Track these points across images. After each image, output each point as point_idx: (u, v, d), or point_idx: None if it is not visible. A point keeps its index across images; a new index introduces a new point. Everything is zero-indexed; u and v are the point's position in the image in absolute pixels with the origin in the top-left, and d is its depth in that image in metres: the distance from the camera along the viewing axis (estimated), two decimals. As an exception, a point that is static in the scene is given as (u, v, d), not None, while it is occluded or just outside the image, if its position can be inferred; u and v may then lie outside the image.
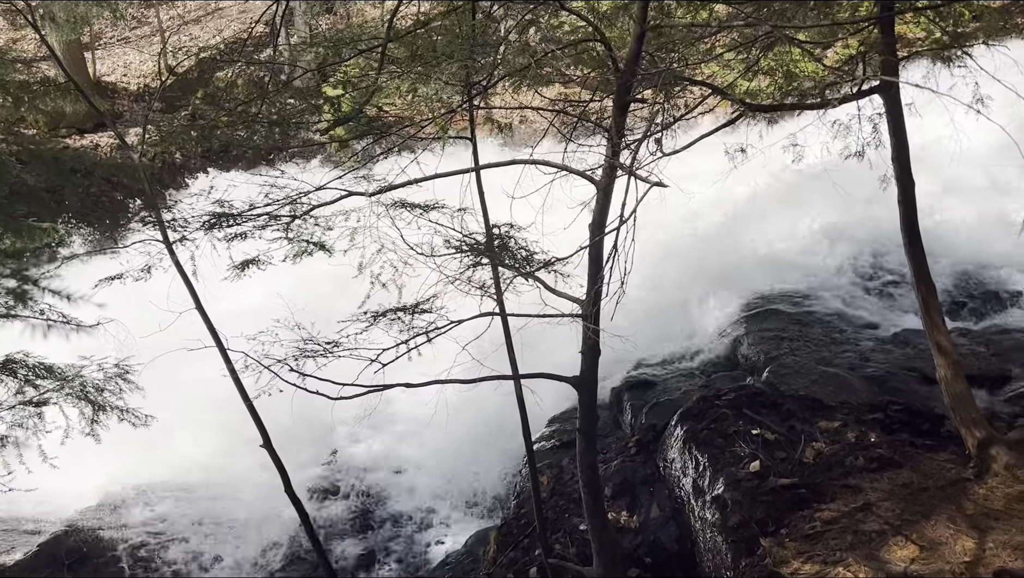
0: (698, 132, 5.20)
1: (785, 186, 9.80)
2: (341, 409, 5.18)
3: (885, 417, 6.32)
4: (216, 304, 5.58)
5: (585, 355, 4.89)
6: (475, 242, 5.06)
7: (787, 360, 7.46)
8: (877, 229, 8.98)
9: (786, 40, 4.62)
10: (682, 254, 9.70)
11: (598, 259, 4.50)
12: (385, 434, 8.52)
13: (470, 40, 3.91)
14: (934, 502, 5.15)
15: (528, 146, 5.72)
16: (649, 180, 3.73)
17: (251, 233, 4.96)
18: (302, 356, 4.45)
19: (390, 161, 4.97)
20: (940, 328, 5.51)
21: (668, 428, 6.90)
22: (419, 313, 4.57)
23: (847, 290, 8.76)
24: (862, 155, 5.96)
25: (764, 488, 5.75)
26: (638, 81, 4.23)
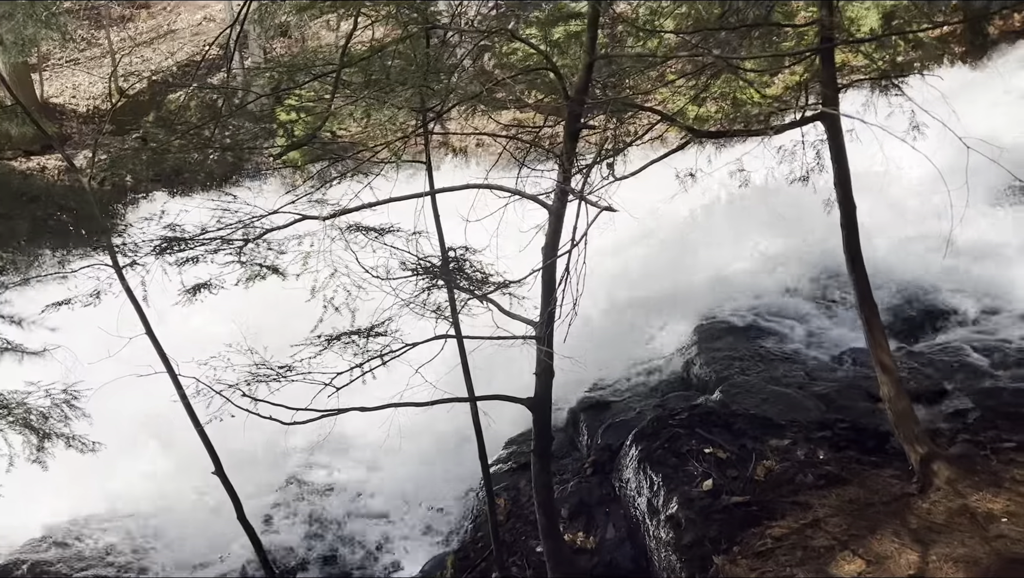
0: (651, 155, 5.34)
1: (734, 209, 10.02)
2: (295, 434, 5.16)
3: (833, 434, 6.46)
4: (167, 329, 5.52)
5: (539, 377, 4.94)
6: (430, 265, 5.10)
7: (738, 379, 7.59)
8: (823, 251, 9.22)
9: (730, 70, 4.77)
10: (636, 276, 9.85)
11: (551, 282, 4.57)
12: (340, 459, 8.46)
13: (424, 66, 3.97)
14: (880, 517, 5.27)
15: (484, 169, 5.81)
16: (599, 204, 3.82)
17: (203, 257, 4.93)
18: (254, 381, 4.43)
19: (345, 185, 4.99)
20: (883, 347, 5.68)
21: (623, 448, 6.97)
22: (374, 336, 4.58)
23: (795, 310, 8.96)
24: (806, 180, 6.13)
25: (717, 506, 5.84)
26: (588, 108, 4.33)
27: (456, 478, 7.97)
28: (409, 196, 4.91)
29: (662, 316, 9.28)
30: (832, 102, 5.18)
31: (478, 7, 5.78)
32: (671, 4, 6.24)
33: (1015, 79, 12.83)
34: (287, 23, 5.10)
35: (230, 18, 19.34)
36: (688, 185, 6.36)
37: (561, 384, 7.24)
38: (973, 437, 6.15)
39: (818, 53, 5.20)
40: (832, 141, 5.33)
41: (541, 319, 4.62)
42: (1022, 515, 5.00)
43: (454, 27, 4.57)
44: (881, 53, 6.16)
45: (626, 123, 5.70)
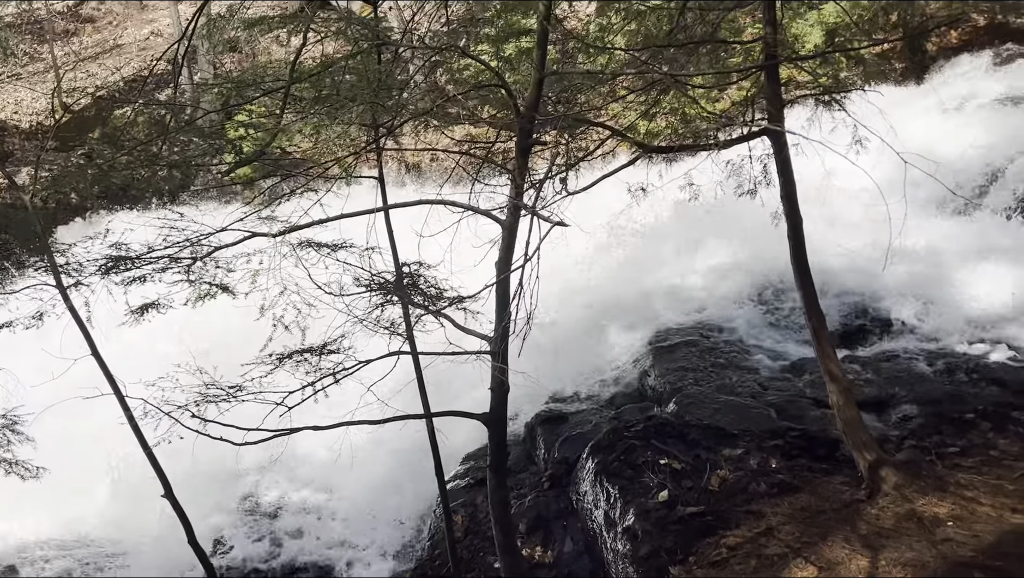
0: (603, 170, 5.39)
1: (685, 223, 10.16)
2: (247, 454, 5.06)
3: (784, 443, 6.56)
4: (114, 350, 5.39)
5: (494, 392, 4.94)
6: (384, 281, 5.07)
7: (692, 390, 7.68)
8: (772, 263, 9.39)
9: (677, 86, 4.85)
10: (591, 290, 9.92)
11: (505, 296, 4.58)
12: (295, 478, 8.33)
13: (375, 82, 3.96)
14: (831, 524, 5.36)
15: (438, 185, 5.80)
16: (551, 220, 3.84)
17: (151, 276, 4.83)
18: (204, 401, 4.34)
19: (296, 201, 4.94)
20: (831, 356, 5.79)
21: (580, 461, 6.99)
22: (326, 354, 4.53)
23: (746, 321, 9.11)
24: (754, 193, 6.25)
25: (672, 517, 5.88)
26: (540, 124, 4.37)
27: (413, 495, 7.90)
28: (362, 212, 4.88)
29: (617, 329, 9.35)
30: (777, 118, 5.30)
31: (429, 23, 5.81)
32: (621, 21, 6.34)
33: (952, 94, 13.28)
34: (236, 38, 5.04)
35: (178, 33, 19.07)
36: (640, 199, 6.44)
37: (517, 398, 7.26)
38: (919, 443, 6.31)
39: (762, 70, 5.32)
40: (777, 155, 5.45)
41: (495, 334, 4.62)
42: (967, 518, 5.13)
43: (405, 44, 4.57)
44: (824, 69, 6.33)
45: (578, 138, 5.75)
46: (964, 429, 6.46)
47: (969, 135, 11.30)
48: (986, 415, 6.61)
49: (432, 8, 6.29)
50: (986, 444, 6.22)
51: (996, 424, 6.47)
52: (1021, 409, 6.64)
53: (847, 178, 6.33)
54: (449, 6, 5.90)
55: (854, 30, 11.67)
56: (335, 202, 5.05)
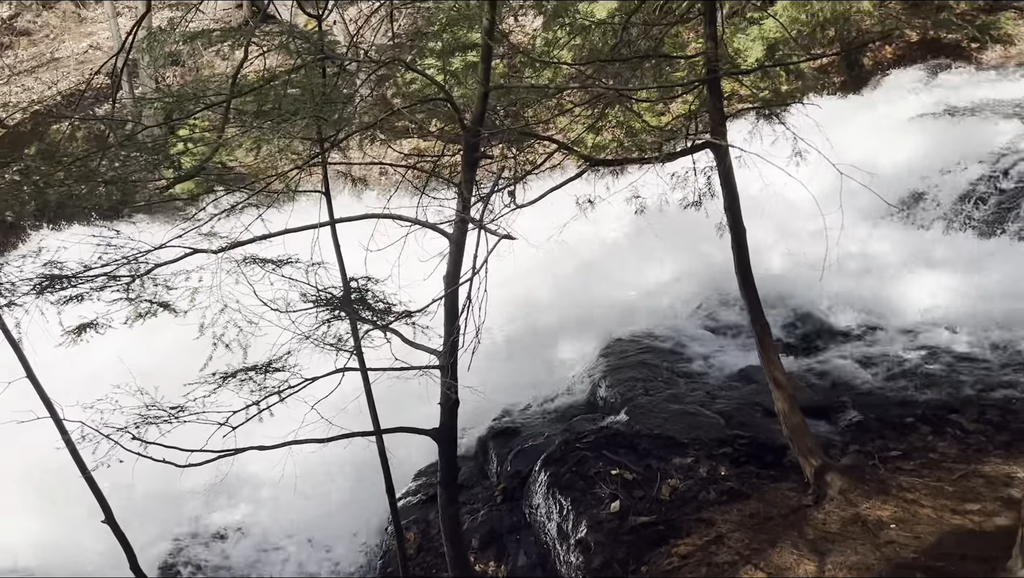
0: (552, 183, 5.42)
1: (633, 235, 10.27)
2: (192, 477, 4.93)
3: (733, 450, 6.65)
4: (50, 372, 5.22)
5: (443, 406, 4.91)
6: (331, 296, 5.01)
7: (642, 400, 7.74)
8: (719, 273, 9.54)
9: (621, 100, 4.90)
10: (541, 302, 9.95)
11: (453, 310, 4.56)
12: (242, 500, 8.15)
13: (318, 96, 3.92)
14: (779, 530, 5.44)
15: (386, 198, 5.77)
16: (498, 233, 3.84)
17: (88, 295, 4.69)
18: (144, 423, 4.22)
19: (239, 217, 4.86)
20: (776, 364, 5.90)
21: (532, 474, 6.98)
22: (271, 372, 4.45)
23: (694, 330, 9.23)
24: (699, 204, 6.35)
25: (624, 528, 5.91)
26: (487, 137, 4.37)
27: (364, 513, 7.79)
28: (308, 226, 4.82)
29: (568, 340, 9.39)
30: (719, 131, 5.40)
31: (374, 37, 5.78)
32: (566, 36, 6.39)
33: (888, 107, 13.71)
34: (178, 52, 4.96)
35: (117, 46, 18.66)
36: (588, 212, 6.49)
37: (469, 412, 7.21)
38: (862, 448, 6.45)
39: (704, 84, 5.41)
40: (720, 168, 5.55)
41: (444, 348, 4.60)
42: (909, 521, 5.26)
43: (349, 57, 4.54)
44: (765, 83, 6.47)
45: (525, 152, 5.78)
46: (905, 433, 6.64)
47: (905, 146, 11.67)
48: (926, 419, 6.80)
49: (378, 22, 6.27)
50: (926, 447, 6.39)
51: (935, 427, 6.66)
52: (959, 412, 6.85)
53: (789, 189, 6.47)
54: (395, 20, 5.89)
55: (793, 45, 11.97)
56: (279, 217, 4.97)
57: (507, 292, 8.04)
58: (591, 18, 6.51)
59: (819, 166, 5.61)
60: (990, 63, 16.50)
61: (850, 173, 4.95)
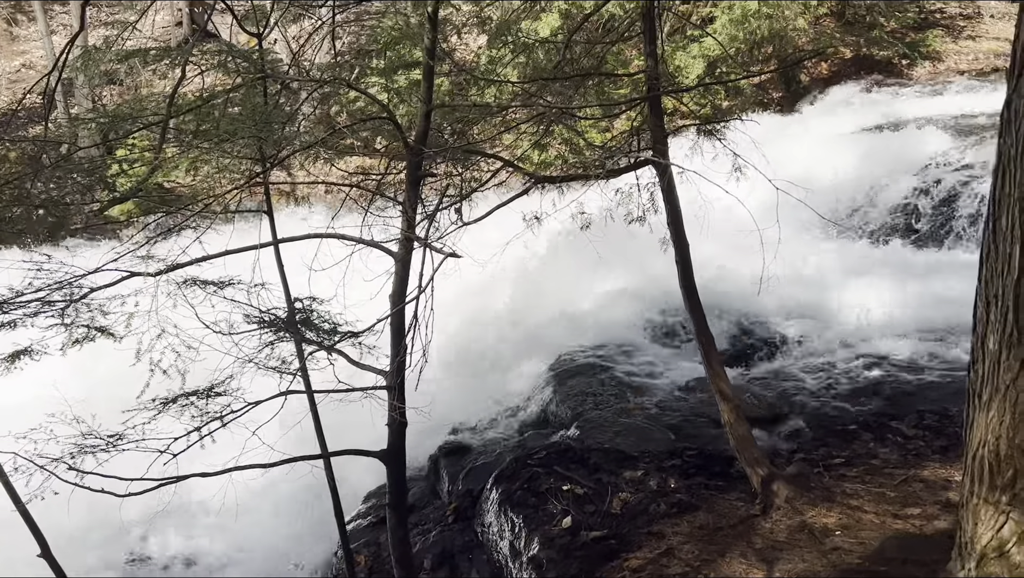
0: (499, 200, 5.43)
1: (578, 250, 10.33)
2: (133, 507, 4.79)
3: (682, 462, 6.70)
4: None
5: (391, 427, 4.86)
6: (275, 317, 4.93)
7: (592, 414, 7.77)
8: (665, 287, 9.66)
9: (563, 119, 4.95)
10: (489, 319, 9.95)
11: (400, 330, 4.53)
12: (186, 529, 7.94)
13: (258, 115, 3.88)
14: (728, 540, 5.49)
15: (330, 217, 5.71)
16: (443, 251, 3.84)
17: (21, 321, 4.54)
18: (81, 452, 4.09)
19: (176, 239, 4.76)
20: (721, 376, 5.98)
21: (484, 492, 6.93)
22: (213, 397, 4.35)
23: (642, 345, 9.32)
24: (643, 220, 6.42)
25: (576, 543, 5.89)
26: (431, 155, 4.37)
27: (313, 538, 7.66)
28: (250, 247, 4.75)
29: (517, 357, 9.40)
30: (660, 147, 5.48)
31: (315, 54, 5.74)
32: (510, 54, 6.44)
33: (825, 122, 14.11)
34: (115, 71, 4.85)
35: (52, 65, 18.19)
36: (534, 228, 6.51)
37: (420, 432, 7.16)
38: (807, 456, 6.56)
39: (645, 101, 5.49)
40: (662, 184, 5.62)
41: (391, 368, 4.56)
42: (853, 527, 5.36)
43: (289, 76, 4.50)
44: (705, 100, 6.60)
45: (470, 169, 5.79)
46: (848, 440, 6.78)
47: (841, 160, 12.01)
48: (867, 426, 6.96)
49: (320, 40, 6.23)
50: (868, 454, 6.53)
51: (877, 434, 6.82)
52: (899, 419, 7.03)
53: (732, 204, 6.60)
54: (338, 38, 5.86)
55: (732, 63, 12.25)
56: (220, 238, 4.89)
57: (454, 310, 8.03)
58: (534, 36, 6.58)
59: (758, 181, 5.73)
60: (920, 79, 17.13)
61: (786, 188, 5.08)
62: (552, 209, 6.51)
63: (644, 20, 5.52)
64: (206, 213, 4.39)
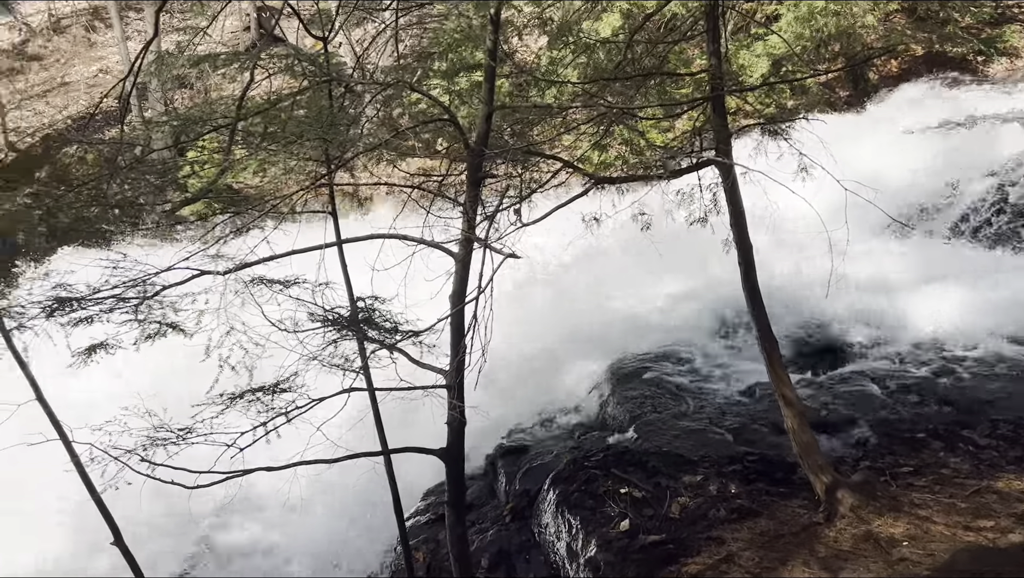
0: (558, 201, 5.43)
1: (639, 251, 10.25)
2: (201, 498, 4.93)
3: (743, 468, 6.61)
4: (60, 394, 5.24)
5: (450, 426, 4.90)
6: (338, 316, 5.02)
7: (650, 417, 7.71)
8: (725, 289, 9.52)
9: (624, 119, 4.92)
10: (548, 319, 9.94)
11: (459, 329, 4.56)
12: (251, 521, 8.14)
13: (324, 118, 3.96)
14: (790, 547, 5.39)
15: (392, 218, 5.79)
16: (503, 252, 3.85)
17: (97, 317, 4.72)
18: (153, 444, 4.23)
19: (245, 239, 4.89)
20: (784, 381, 5.87)
21: (541, 493, 6.95)
22: (279, 393, 4.45)
23: (702, 348, 9.20)
24: (705, 221, 6.34)
25: (634, 546, 5.86)
26: (491, 156, 4.39)
27: (372, 533, 7.77)
28: (315, 247, 4.84)
29: (575, 358, 9.37)
30: (723, 147, 5.40)
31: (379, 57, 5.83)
32: (570, 55, 6.43)
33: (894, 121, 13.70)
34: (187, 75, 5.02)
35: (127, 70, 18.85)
36: (594, 229, 6.49)
37: (477, 431, 7.21)
38: (873, 464, 6.40)
39: (708, 101, 5.42)
40: (725, 184, 5.55)
41: (451, 367, 4.60)
42: (921, 538, 5.20)
43: (354, 79, 4.58)
44: (769, 99, 6.48)
45: (530, 170, 5.80)
46: (916, 449, 6.58)
47: (911, 161, 11.66)
48: (937, 434, 6.74)
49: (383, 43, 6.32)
50: (938, 463, 6.33)
51: (947, 443, 6.60)
52: (970, 427, 6.79)
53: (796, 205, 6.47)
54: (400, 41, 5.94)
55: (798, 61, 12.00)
56: (286, 238, 5.00)
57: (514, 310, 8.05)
58: (595, 36, 6.55)
59: (825, 181, 5.60)
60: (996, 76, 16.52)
61: (855, 189, 4.95)
62: (612, 210, 6.49)
63: (708, 19, 5.45)
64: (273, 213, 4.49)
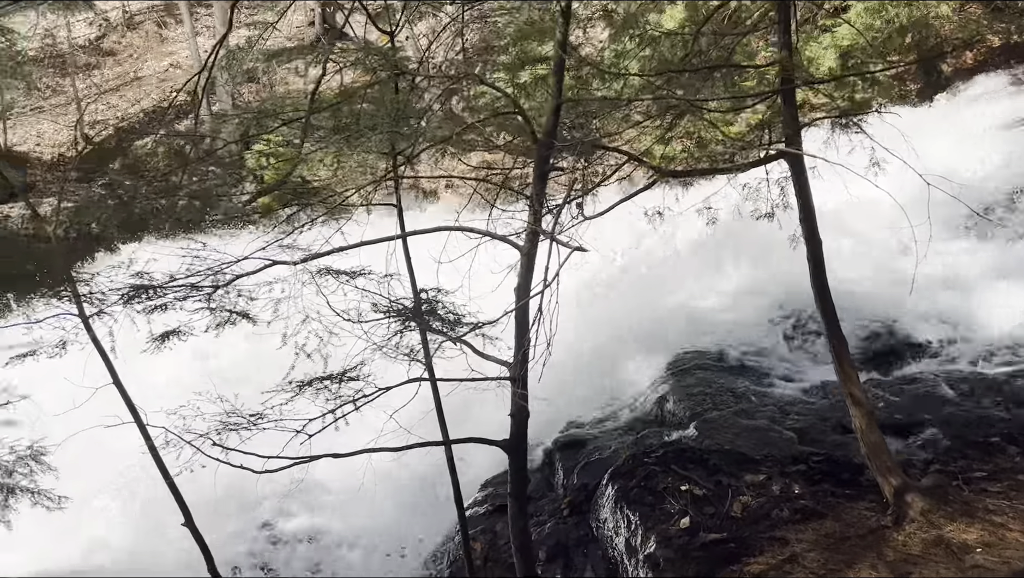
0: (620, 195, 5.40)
1: (702, 246, 10.14)
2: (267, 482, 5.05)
3: (807, 468, 6.48)
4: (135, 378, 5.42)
5: (514, 417, 4.92)
6: (402, 308, 5.09)
7: (711, 415, 7.61)
8: (791, 286, 9.32)
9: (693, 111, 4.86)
10: (607, 314, 9.89)
11: (524, 322, 4.58)
12: (313, 506, 8.30)
13: (394, 111, 4.00)
14: (856, 550, 5.28)
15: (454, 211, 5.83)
16: (570, 245, 3.85)
17: (172, 304, 4.87)
18: (225, 429, 4.35)
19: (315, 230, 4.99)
20: (853, 380, 5.74)
21: (600, 488, 6.93)
22: (346, 381, 4.53)
23: (765, 345, 9.04)
24: (772, 216, 6.24)
25: (694, 544, 5.81)
26: (557, 150, 4.39)
27: (431, 522, 7.85)
28: (381, 239, 4.91)
29: (634, 354, 9.30)
30: (794, 140, 5.30)
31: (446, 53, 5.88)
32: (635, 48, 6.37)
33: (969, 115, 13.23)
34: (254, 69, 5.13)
35: (197, 64, 19.37)
36: (657, 223, 6.45)
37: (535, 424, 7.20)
38: (944, 468, 6.21)
39: (778, 94, 5.32)
40: (796, 178, 5.44)
41: (515, 360, 4.62)
42: (996, 545, 5.03)
43: (424, 73, 4.62)
44: (841, 92, 6.33)
45: (594, 164, 5.77)
46: (990, 453, 6.36)
47: (986, 156, 11.25)
48: (1012, 439, 6.51)
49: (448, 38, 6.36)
50: (1014, 468, 6.11)
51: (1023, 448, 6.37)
52: (1048, 432, 6.54)
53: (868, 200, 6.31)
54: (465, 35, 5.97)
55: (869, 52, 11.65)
56: (352, 230, 5.08)
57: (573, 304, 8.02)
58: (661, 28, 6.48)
59: (896, 177, 5.46)
60: (1079, 68, 15.80)
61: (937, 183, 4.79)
62: (676, 205, 6.43)
63: (778, 10, 5.35)
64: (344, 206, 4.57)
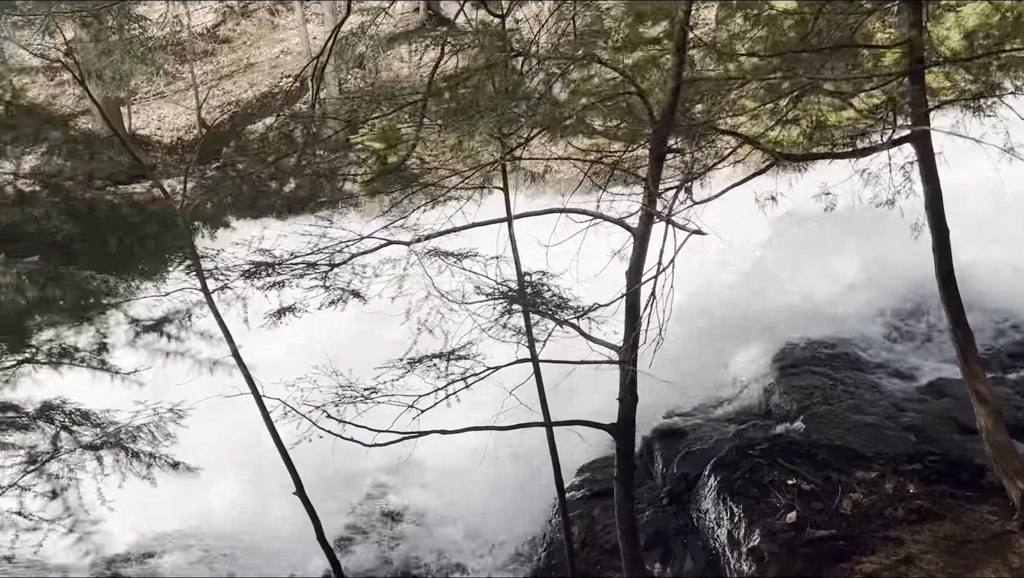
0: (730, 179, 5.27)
1: (814, 233, 9.78)
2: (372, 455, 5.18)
3: (923, 467, 6.21)
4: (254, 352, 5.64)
5: (623, 401, 4.88)
6: (508, 289, 5.12)
7: (820, 409, 7.37)
8: (908, 277, 8.91)
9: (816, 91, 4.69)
10: (713, 302, 9.67)
11: (635, 306, 4.54)
12: (416, 481, 8.47)
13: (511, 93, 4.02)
14: (978, 555, 5.04)
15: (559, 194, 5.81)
16: (687, 228, 3.78)
17: (288, 282, 5.06)
18: (341, 402, 4.49)
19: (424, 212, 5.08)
20: (979, 376, 5.45)
21: (701, 478, 6.83)
22: (455, 360, 4.61)
23: (879, 339, 8.68)
24: (893, 203, 5.97)
25: (801, 540, 5.66)
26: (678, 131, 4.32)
27: (531, 504, 7.90)
28: (491, 221, 4.96)
29: (739, 343, 9.08)
30: (923, 122, 5.04)
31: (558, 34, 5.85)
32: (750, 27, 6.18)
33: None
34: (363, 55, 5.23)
35: (306, 51, 19.95)
36: (768, 209, 6.26)
37: (636, 410, 7.16)
38: (1078, 473, 5.83)
39: (906, 75, 5.07)
40: (923, 162, 5.18)
41: (625, 344, 4.58)
42: None
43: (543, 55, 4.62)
44: (972, 73, 5.98)
45: (706, 147, 5.64)
46: None
47: None
48: None
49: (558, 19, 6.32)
50: None
51: None
52: None
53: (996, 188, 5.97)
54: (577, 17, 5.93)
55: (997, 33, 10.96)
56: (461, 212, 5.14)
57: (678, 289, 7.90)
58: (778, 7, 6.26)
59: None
60: None
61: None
62: (788, 190, 6.23)
63: (909, -15, 5.08)
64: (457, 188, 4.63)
